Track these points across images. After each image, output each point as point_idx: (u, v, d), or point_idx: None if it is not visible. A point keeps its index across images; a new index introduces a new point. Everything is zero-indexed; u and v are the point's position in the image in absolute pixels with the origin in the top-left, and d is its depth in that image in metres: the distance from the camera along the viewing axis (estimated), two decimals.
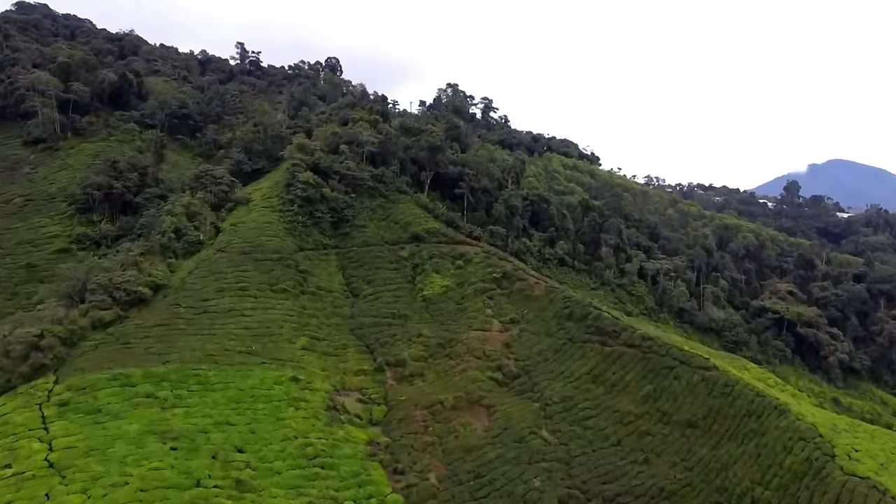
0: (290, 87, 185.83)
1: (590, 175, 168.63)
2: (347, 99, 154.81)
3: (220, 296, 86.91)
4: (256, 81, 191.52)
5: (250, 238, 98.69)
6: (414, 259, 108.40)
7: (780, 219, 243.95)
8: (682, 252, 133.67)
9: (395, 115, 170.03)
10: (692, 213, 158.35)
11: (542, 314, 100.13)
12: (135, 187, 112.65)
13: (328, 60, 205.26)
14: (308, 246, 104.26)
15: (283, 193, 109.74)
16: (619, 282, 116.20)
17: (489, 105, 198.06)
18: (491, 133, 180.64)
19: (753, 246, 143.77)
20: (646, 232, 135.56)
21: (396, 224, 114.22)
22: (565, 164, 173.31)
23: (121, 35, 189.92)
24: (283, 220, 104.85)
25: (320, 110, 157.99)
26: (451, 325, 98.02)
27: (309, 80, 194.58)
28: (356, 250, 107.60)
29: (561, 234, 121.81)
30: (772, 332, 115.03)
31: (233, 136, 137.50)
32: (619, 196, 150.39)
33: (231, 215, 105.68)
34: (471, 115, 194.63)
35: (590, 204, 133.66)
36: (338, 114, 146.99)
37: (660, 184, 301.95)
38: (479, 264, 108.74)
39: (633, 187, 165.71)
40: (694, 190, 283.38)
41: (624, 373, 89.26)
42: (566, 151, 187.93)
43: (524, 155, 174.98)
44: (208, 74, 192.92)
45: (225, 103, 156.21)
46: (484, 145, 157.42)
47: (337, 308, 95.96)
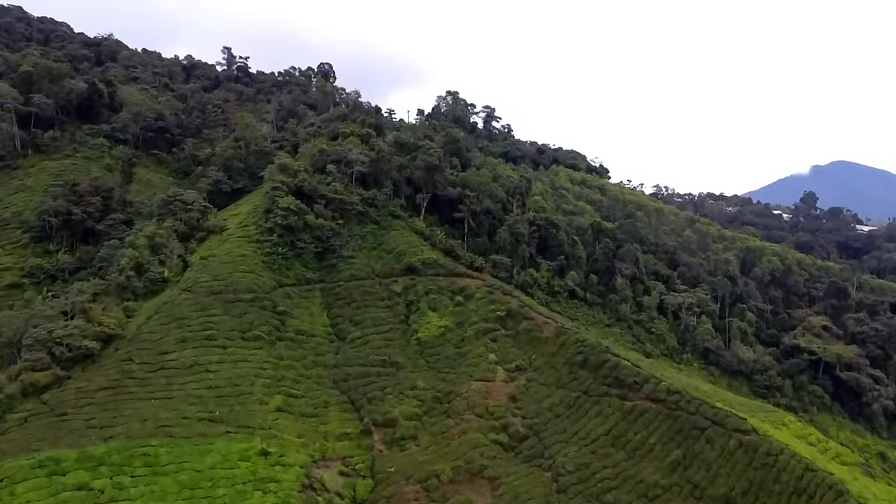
0: (279, 96, 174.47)
1: (599, 191, 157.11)
2: (338, 110, 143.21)
3: (181, 347, 75.16)
4: (244, 89, 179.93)
5: (222, 275, 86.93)
6: (408, 294, 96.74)
7: (796, 232, 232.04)
8: (703, 279, 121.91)
9: (390, 125, 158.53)
10: (711, 233, 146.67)
11: (553, 360, 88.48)
12: (97, 212, 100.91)
13: (321, 66, 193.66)
14: (288, 281, 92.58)
15: (261, 221, 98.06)
16: (636, 317, 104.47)
17: (491, 114, 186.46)
18: (493, 145, 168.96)
19: (779, 271, 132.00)
20: (663, 258, 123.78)
21: (389, 254, 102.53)
22: (573, 178, 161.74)
23: (98, 40, 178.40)
24: (260, 253, 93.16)
25: (309, 121, 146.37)
26: (449, 373, 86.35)
27: (300, 87, 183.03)
28: (343, 285, 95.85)
29: (571, 262, 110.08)
30: (807, 375, 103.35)
31: (212, 151, 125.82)
32: (633, 215, 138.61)
33: (202, 247, 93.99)
34: (472, 125, 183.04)
35: (602, 227, 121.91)
36: (327, 126, 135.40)
37: (669, 193, 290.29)
38: (480, 300, 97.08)
39: (647, 204, 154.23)
40: (705, 200, 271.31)
41: (647, 433, 77.65)
42: (573, 164, 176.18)
43: (529, 169, 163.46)
44: (193, 81, 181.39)
45: (206, 114, 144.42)
46: (486, 159, 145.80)
47: (319, 356, 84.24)
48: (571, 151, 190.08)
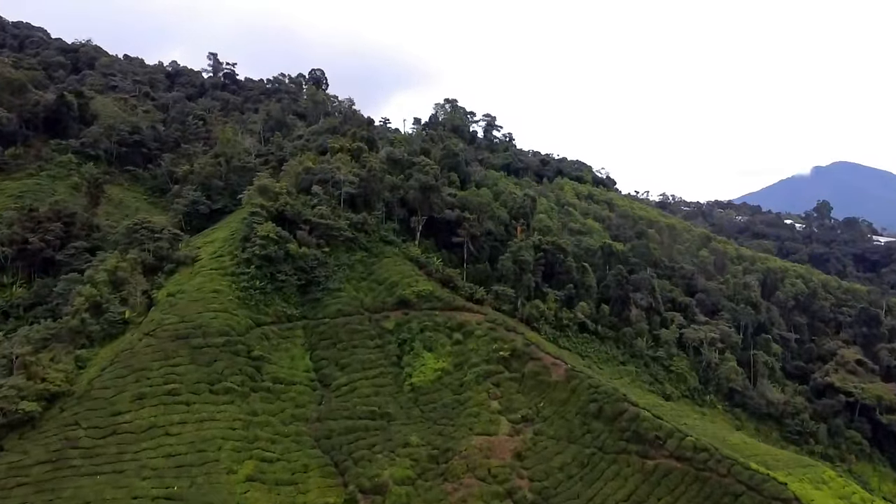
0: (267, 104, 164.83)
1: (607, 206, 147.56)
2: (328, 122, 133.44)
3: (138, 406, 65.46)
4: (230, 97, 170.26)
5: (190, 315, 77.17)
6: (401, 332, 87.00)
7: (810, 243, 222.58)
8: (724, 306, 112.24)
9: (385, 136, 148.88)
10: (729, 253, 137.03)
11: (563, 409, 78.73)
12: (57, 240, 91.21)
13: (312, 73, 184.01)
14: (267, 319, 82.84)
15: (237, 251, 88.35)
16: (653, 354, 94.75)
17: (492, 123, 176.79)
18: (494, 156, 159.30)
19: (803, 295, 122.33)
20: (680, 283, 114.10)
21: (380, 285, 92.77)
22: (579, 192, 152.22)
23: (76, 46, 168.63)
24: (235, 287, 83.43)
25: (297, 134, 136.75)
26: (446, 426, 76.62)
27: (289, 95, 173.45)
28: (329, 322, 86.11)
29: (581, 291, 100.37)
30: (843, 419, 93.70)
31: (190, 168, 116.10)
32: (644, 234, 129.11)
33: (170, 281, 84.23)
34: (471, 134, 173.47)
35: (613, 249, 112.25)
36: (315, 140, 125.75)
37: (676, 201, 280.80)
38: (481, 338, 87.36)
39: (658, 220, 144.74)
40: (713, 209, 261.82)
41: (672, 499, 68.06)
42: (579, 176, 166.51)
43: (532, 182, 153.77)
44: (177, 89, 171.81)
45: (185, 127, 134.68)
46: (487, 173, 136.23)
47: (299, 408, 74.48)
48: (576, 162, 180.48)
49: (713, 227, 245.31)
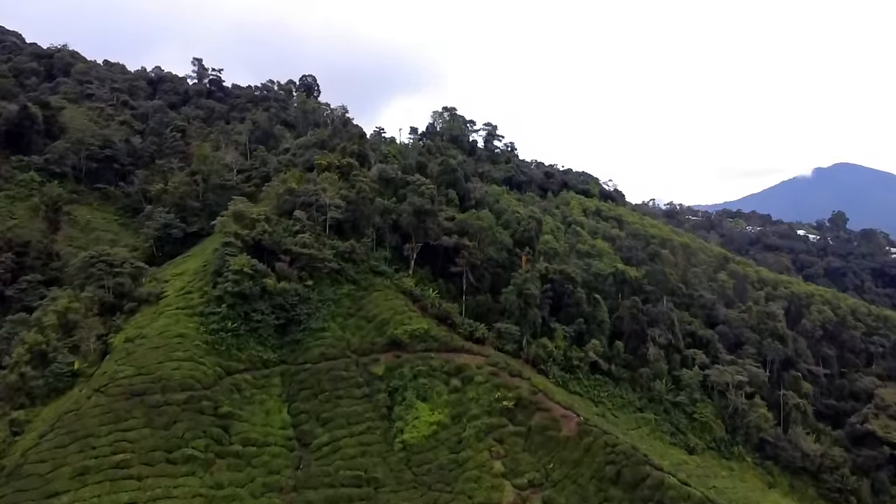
0: (254, 113, 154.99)
1: (617, 223, 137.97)
2: (317, 134, 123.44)
3: (79, 483, 55.71)
4: (216, 105, 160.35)
5: (149, 365, 67.41)
6: (392, 378, 77.26)
7: (825, 256, 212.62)
8: (747, 338, 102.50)
9: (379, 146, 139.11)
10: (749, 276, 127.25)
11: (576, 472, 69.02)
12: (8, 273, 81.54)
13: (303, 79, 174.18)
14: (239, 366, 73.10)
15: (207, 286, 78.63)
16: (674, 399, 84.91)
17: (493, 132, 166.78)
18: (496, 169, 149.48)
19: (832, 323, 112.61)
20: (700, 314, 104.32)
21: (369, 323, 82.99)
22: (586, 207, 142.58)
23: (51, 51, 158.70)
24: (203, 330, 73.69)
25: (284, 147, 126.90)
26: (442, 492, 66.94)
27: (278, 103, 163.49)
28: (310, 368, 76.33)
29: (592, 326, 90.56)
30: (887, 472, 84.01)
31: (164, 186, 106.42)
32: (658, 256, 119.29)
33: (130, 323, 74.49)
34: (471, 145, 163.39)
35: (626, 276, 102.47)
36: (303, 155, 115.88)
37: (684, 209, 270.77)
38: (482, 385, 77.67)
39: (670, 238, 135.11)
40: (723, 220, 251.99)
41: None
42: (585, 189, 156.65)
43: (536, 197, 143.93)
44: (159, 97, 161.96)
45: (162, 140, 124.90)
46: (488, 189, 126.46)
47: (273, 475, 64.66)
48: (582, 174, 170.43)
49: (723, 237, 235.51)
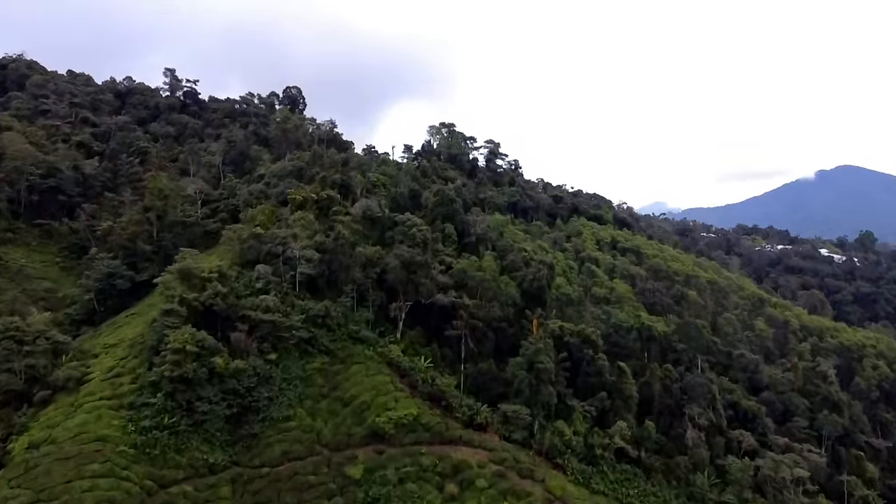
0: (231, 130, 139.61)
1: (635, 255, 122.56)
2: (295, 160, 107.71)
3: None
4: (190, 121, 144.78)
5: (54, 487, 51.94)
6: (372, 484, 61.80)
7: (853, 280, 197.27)
8: (797, 407, 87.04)
9: (370, 167, 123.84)
10: (790, 322, 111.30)
11: None
12: None
13: (287, 92, 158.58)
14: (178, 475, 57.60)
15: (142, 367, 63.15)
16: (719, 498, 69.36)
17: (495, 150, 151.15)
18: (499, 193, 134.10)
19: (889, 381, 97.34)
20: (741, 378, 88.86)
21: (346, 407, 67.50)
22: (600, 237, 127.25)
23: (5, 61, 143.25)
24: (133, 429, 58.22)
25: (259, 173, 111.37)
26: None
27: (258, 118, 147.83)
28: (269, 474, 60.81)
29: (617, 401, 75.09)
30: None
31: (112, 224, 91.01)
32: (685, 299, 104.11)
33: (39, 420, 59.00)
34: (471, 163, 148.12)
35: (653, 332, 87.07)
36: (277, 185, 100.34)
37: (698, 225, 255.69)
38: (486, 490, 62.53)
39: (697, 274, 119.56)
40: (740, 238, 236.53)
41: None
42: (598, 215, 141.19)
43: (544, 227, 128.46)
44: (127, 111, 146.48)
45: (117, 165, 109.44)
46: (490, 220, 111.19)
47: None
48: (593, 197, 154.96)
49: (741, 257, 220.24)
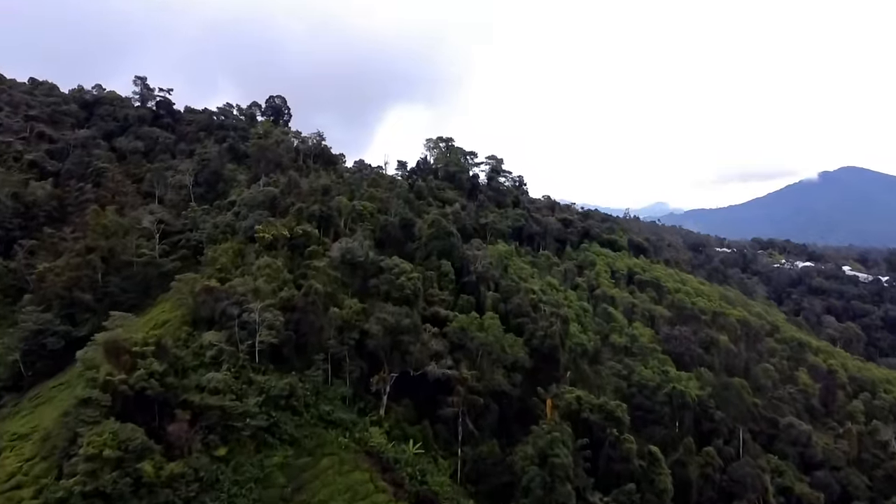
0: (206, 145, 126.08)
1: (655, 290, 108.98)
2: (267, 189, 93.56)
3: None
4: (161, 135, 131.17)
5: None
6: None
7: (882, 303, 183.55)
8: (856, 487, 73.51)
9: (359, 187, 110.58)
10: (835, 370, 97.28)
11: None
12: None
13: (270, 101, 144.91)
14: None
15: (50, 474, 49.57)
16: None
17: (497, 167, 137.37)
18: (502, 217, 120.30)
19: None
20: (791, 451, 75.18)
21: None
22: (616, 268, 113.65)
23: None
24: None
25: (229, 200, 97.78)
26: None
27: (237, 132, 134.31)
28: None
29: (648, 494, 61.51)
30: None
31: (49, 266, 77.36)
32: (715, 345, 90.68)
33: None
34: (471, 181, 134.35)
35: (686, 398, 73.43)
36: (247, 217, 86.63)
37: (711, 242, 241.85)
38: None
39: (724, 310, 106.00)
40: (757, 255, 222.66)
41: None
42: (611, 240, 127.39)
43: (552, 258, 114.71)
44: (94, 124, 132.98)
45: (66, 191, 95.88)
46: (493, 252, 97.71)
47: None
48: (605, 218, 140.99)
49: (759, 276, 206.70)
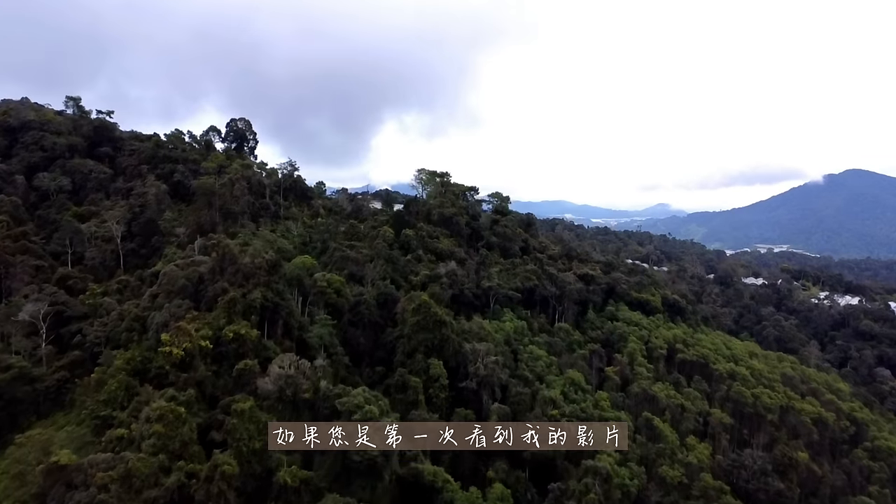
0: (147, 182, 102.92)
1: (704, 376, 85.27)
2: (195, 265, 69.51)
3: None
4: (93, 168, 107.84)
5: None
6: None
7: None
8: None
9: (337, 233, 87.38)
10: None
11: None
12: None
13: (231, 125, 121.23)
14: None
15: None
16: None
17: (502, 208, 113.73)
18: (510, 275, 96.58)
19: None
20: None
21: None
22: (652, 345, 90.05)
23: None
24: None
25: (151, 272, 74.17)
26: None
27: (187, 164, 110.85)
28: None
29: None
30: None
31: None
32: (794, 465, 67.29)
33: None
34: (472, 222, 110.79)
35: None
36: (170, 300, 62.91)
37: (743, 272, 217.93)
38: None
39: (796, 405, 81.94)
40: (794, 289, 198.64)
41: None
42: (643, 300, 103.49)
43: (571, 331, 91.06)
44: (17, 153, 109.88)
45: None
46: (496, 325, 74.50)
47: None
48: (634, 269, 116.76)
49: (796, 315, 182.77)
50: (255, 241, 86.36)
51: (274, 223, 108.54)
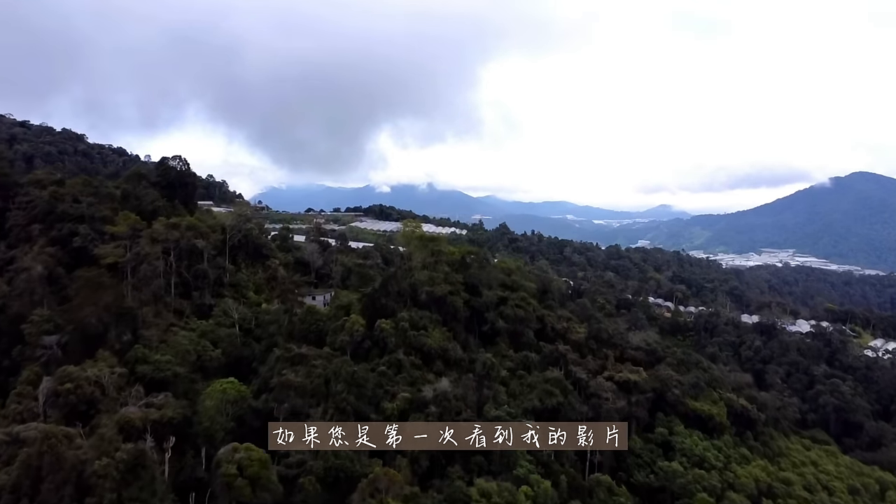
0: (34, 248, 75.62)
1: None
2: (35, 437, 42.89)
3: None
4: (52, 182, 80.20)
5: None
6: None
7: None
8: None
9: None
10: None
11: None
12: None
13: (162, 164, 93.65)
14: None
15: None
16: None
17: (511, 281, 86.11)
18: (524, 388, 69.63)
19: None
20: None
21: None
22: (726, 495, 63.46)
23: None
24: None
25: None
26: None
27: (94, 223, 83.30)
28: None
29: None
30: None
31: None
32: None
33: None
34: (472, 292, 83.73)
35: None
36: None
37: (777, 309, 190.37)
38: None
39: None
40: (847, 343, 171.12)
41: None
42: (703, 414, 76.32)
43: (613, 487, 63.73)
44: None
45: None
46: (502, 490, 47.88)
47: None
48: (683, 361, 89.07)
49: (853, 374, 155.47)
50: (156, 356, 59.57)
51: (214, 298, 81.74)
